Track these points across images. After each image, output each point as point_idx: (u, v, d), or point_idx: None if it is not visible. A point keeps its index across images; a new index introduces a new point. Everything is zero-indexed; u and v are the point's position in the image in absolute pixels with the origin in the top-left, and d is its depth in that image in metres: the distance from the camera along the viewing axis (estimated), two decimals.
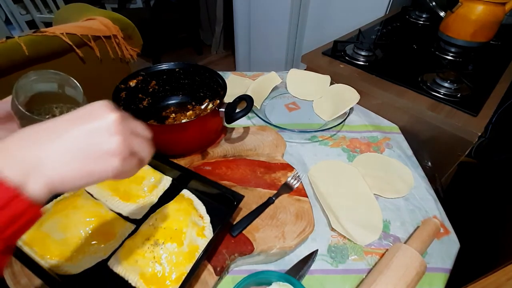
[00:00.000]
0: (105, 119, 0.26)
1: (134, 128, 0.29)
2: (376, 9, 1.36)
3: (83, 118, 0.26)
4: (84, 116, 0.26)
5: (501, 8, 0.86)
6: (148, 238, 0.45)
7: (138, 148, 0.29)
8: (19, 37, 0.89)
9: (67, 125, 0.25)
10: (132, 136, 0.28)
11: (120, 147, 0.26)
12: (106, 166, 0.26)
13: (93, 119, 0.26)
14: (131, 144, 0.28)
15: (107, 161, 0.26)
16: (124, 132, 0.27)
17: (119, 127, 0.26)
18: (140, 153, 0.29)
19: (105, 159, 0.26)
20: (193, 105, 0.74)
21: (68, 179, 0.24)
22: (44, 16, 2.29)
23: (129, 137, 0.28)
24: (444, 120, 0.72)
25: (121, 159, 0.26)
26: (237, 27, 1.91)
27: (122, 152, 0.26)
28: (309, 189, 0.61)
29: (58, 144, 0.24)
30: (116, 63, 1.21)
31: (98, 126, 0.26)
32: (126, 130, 0.27)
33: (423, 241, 0.49)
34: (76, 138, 0.25)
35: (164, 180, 0.57)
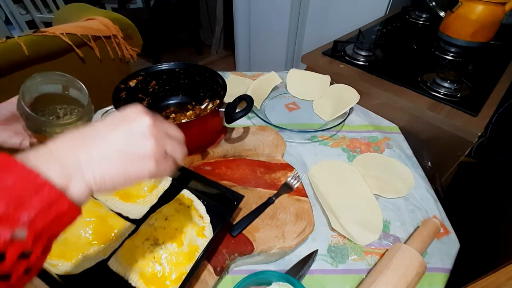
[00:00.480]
0: (139, 123, 0.28)
1: (167, 131, 0.31)
2: (376, 9, 1.36)
3: (119, 123, 0.27)
4: (120, 121, 0.28)
5: (501, 8, 0.86)
6: (148, 238, 0.45)
7: (171, 149, 0.30)
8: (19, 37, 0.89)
9: (105, 130, 0.27)
10: (165, 139, 0.29)
11: (154, 150, 0.27)
12: (143, 168, 0.27)
13: (128, 124, 0.27)
14: (165, 146, 0.29)
15: (143, 163, 0.27)
16: (157, 135, 0.28)
17: (153, 131, 0.28)
18: (173, 154, 0.31)
19: (141, 161, 0.27)
20: (193, 105, 0.74)
21: (108, 180, 0.26)
22: (44, 16, 2.29)
23: (163, 139, 0.29)
24: (444, 120, 0.72)
25: (155, 161, 0.28)
26: (237, 27, 1.91)
27: (156, 155, 0.28)
28: (309, 189, 0.61)
29: (98, 148, 0.26)
30: (116, 63, 1.21)
31: (133, 130, 0.27)
32: (159, 133, 0.29)
33: (423, 241, 0.49)
34: (114, 142, 0.26)
35: (164, 180, 0.57)
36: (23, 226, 0.20)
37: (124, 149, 0.26)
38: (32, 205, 0.21)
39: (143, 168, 0.27)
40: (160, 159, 0.28)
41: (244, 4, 1.75)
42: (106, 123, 0.27)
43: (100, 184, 0.25)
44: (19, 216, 0.20)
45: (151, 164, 0.28)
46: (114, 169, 0.26)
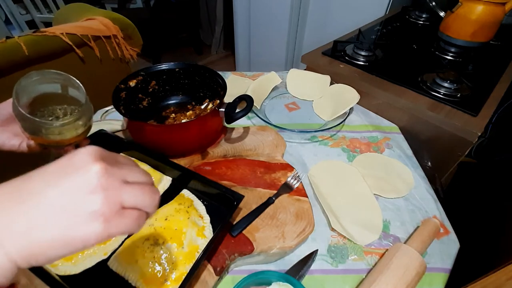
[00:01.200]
0: (86, 172, 0.22)
1: (125, 177, 0.24)
2: (376, 9, 1.36)
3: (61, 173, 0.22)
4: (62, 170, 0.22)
5: (501, 8, 0.86)
6: (148, 238, 0.45)
7: (134, 199, 0.24)
8: (19, 37, 0.89)
9: (41, 184, 0.22)
10: (122, 188, 0.23)
11: (103, 206, 0.22)
12: (86, 232, 0.21)
13: (72, 174, 0.22)
14: (120, 198, 0.23)
15: (87, 226, 0.21)
16: (109, 186, 0.22)
17: (103, 180, 0.22)
18: (138, 204, 0.24)
19: (84, 223, 0.21)
20: (193, 105, 0.74)
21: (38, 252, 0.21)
22: (44, 16, 2.29)
23: (118, 190, 0.23)
24: (444, 120, 0.72)
25: (105, 220, 0.22)
26: (237, 27, 1.91)
27: (107, 211, 0.22)
28: (309, 189, 0.61)
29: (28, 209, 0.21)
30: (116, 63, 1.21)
31: (77, 182, 0.22)
32: (113, 183, 0.23)
33: (423, 241, 0.49)
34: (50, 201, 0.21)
35: (164, 180, 0.57)
36: None
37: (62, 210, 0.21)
38: None
39: (87, 233, 0.21)
40: (112, 216, 0.22)
41: (244, 4, 1.75)
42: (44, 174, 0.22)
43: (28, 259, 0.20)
44: None
45: (97, 226, 0.22)
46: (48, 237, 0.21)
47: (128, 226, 0.23)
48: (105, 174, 0.22)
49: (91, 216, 0.21)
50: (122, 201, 0.23)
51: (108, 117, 0.76)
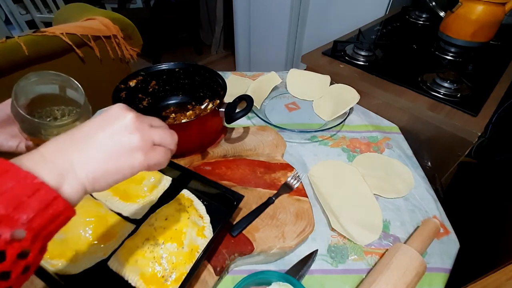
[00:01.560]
0: (123, 119, 0.29)
1: (151, 123, 0.32)
2: (376, 9, 1.36)
3: (104, 123, 0.29)
4: (104, 120, 0.29)
5: (501, 8, 0.86)
6: (148, 238, 0.45)
7: (160, 138, 0.31)
8: (19, 37, 0.89)
9: (92, 131, 0.28)
10: (151, 130, 0.31)
11: (140, 142, 0.29)
12: (132, 161, 0.28)
13: (113, 122, 0.29)
14: (151, 136, 0.30)
15: (132, 157, 0.28)
16: (142, 128, 0.30)
17: (137, 125, 0.29)
18: (163, 142, 0.32)
19: (129, 155, 0.28)
20: (193, 105, 0.74)
21: (100, 177, 0.27)
22: (44, 16, 2.29)
23: (148, 131, 0.30)
24: (444, 120, 0.72)
25: (144, 153, 0.29)
26: (237, 27, 1.91)
27: (144, 146, 0.29)
28: (309, 189, 0.61)
29: (87, 148, 0.27)
30: (116, 63, 1.21)
31: (118, 127, 0.28)
32: (144, 126, 0.30)
33: (423, 241, 0.49)
34: (102, 141, 0.27)
35: (164, 180, 0.57)
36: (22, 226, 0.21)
37: (112, 146, 0.28)
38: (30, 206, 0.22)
39: (133, 162, 0.28)
40: (148, 150, 0.30)
41: (244, 4, 1.75)
42: (92, 124, 0.28)
43: (93, 182, 0.27)
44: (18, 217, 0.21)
45: (139, 156, 0.29)
46: (105, 167, 0.27)
47: (160, 158, 0.31)
48: (137, 120, 0.30)
49: (133, 149, 0.28)
50: (153, 139, 0.31)
51: None
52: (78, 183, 0.26)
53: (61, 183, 0.24)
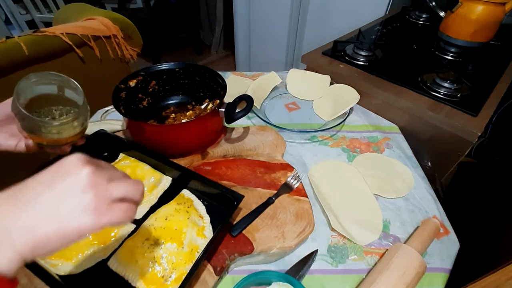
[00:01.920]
0: (76, 175, 0.26)
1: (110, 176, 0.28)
2: (376, 9, 1.36)
3: (54, 179, 0.26)
4: (55, 175, 0.26)
5: (501, 8, 0.86)
6: (148, 238, 0.45)
7: (121, 192, 0.28)
8: (19, 37, 0.89)
9: (37, 189, 0.25)
10: (109, 185, 0.27)
11: (93, 201, 0.25)
12: (80, 224, 0.25)
13: (64, 178, 0.25)
14: (109, 192, 0.27)
15: (80, 220, 0.25)
16: (98, 183, 0.26)
17: (92, 180, 0.26)
18: (127, 195, 0.28)
19: (78, 217, 0.25)
20: (193, 105, 0.74)
21: (43, 244, 0.24)
22: (44, 16, 2.29)
23: (105, 187, 0.27)
24: (444, 120, 0.72)
25: (97, 214, 0.25)
26: (237, 27, 1.91)
27: (98, 206, 0.25)
28: (309, 189, 0.61)
29: (29, 212, 0.24)
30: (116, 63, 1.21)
31: (69, 185, 0.25)
32: (100, 181, 0.26)
33: (423, 241, 0.49)
34: (46, 203, 0.24)
35: (164, 180, 0.57)
36: None
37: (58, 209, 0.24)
38: None
39: (80, 225, 0.25)
40: (103, 209, 0.26)
41: (244, 4, 1.75)
42: (40, 179, 0.26)
43: (33, 250, 0.24)
44: None
45: (89, 219, 0.25)
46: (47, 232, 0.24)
47: (119, 216, 0.27)
48: (93, 175, 0.26)
49: (84, 210, 0.25)
50: (111, 195, 0.27)
51: (108, 117, 0.76)
52: (14, 251, 0.23)
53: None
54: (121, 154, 0.61)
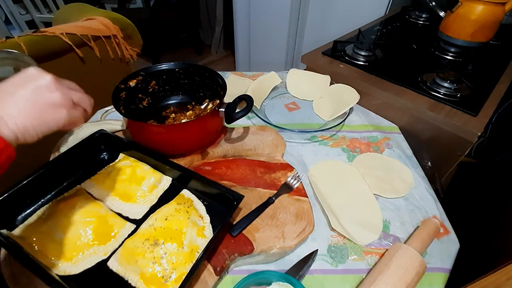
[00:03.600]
0: (43, 79, 0.32)
1: (69, 84, 0.36)
2: (376, 9, 1.36)
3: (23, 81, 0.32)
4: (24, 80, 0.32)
5: (501, 8, 0.86)
6: (148, 238, 0.45)
7: (79, 99, 0.36)
8: (19, 37, 0.89)
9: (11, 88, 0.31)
10: (70, 91, 0.35)
11: (62, 99, 0.33)
12: (57, 115, 0.33)
13: (32, 81, 0.32)
14: (71, 96, 0.35)
15: (56, 112, 0.33)
16: (61, 88, 0.33)
17: (57, 85, 0.33)
18: (81, 103, 0.36)
19: (54, 110, 0.32)
20: (193, 105, 0.74)
21: (30, 128, 0.31)
22: (44, 16, 2.29)
23: (67, 91, 0.34)
24: (444, 120, 0.72)
25: (67, 109, 0.33)
26: (237, 27, 1.91)
27: (66, 104, 0.33)
28: (309, 189, 0.61)
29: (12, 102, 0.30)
30: (116, 63, 1.21)
31: (39, 85, 0.32)
32: (63, 87, 0.34)
33: (423, 241, 0.49)
34: (25, 96, 0.31)
35: (164, 180, 0.57)
36: None
37: (35, 101, 0.31)
38: None
39: (58, 116, 0.33)
40: (69, 107, 0.34)
41: (244, 4, 1.75)
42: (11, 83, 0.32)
43: (23, 133, 0.30)
44: None
45: (63, 112, 0.33)
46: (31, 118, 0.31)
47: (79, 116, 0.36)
48: (56, 81, 0.33)
49: (56, 106, 0.33)
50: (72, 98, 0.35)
51: (108, 117, 0.76)
52: (10, 131, 0.29)
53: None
54: (121, 154, 0.61)
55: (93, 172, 0.57)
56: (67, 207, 0.49)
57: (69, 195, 0.52)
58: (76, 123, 0.36)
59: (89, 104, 0.38)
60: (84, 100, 0.37)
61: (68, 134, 0.66)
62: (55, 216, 0.47)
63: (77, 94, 0.36)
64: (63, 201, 0.50)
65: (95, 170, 0.57)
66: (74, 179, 0.56)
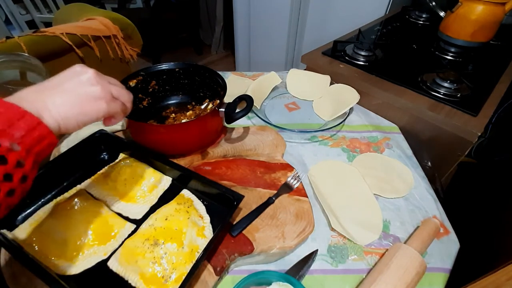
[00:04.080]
0: (85, 74, 0.35)
1: (109, 80, 0.38)
2: (376, 9, 1.36)
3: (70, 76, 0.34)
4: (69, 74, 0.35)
5: (501, 8, 0.86)
6: (148, 238, 0.45)
7: (117, 92, 0.38)
8: (19, 37, 0.89)
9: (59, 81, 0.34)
10: (110, 85, 0.37)
11: (102, 92, 0.35)
12: (97, 107, 0.35)
13: (77, 76, 0.35)
14: (110, 90, 0.37)
15: (96, 103, 0.35)
16: (102, 82, 0.36)
17: (97, 79, 0.35)
18: (120, 97, 0.38)
19: (94, 102, 0.34)
20: (193, 105, 0.74)
21: (71, 117, 0.32)
22: (44, 16, 2.29)
23: (108, 85, 0.36)
24: (444, 120, 0.72)
25: (106, 102, 0.35)
26: (237, 27, 1.91)
27: (106, 96, 0.35)
28: (309, 189, 0.61)
29: (56, 93, 0.32)
30: (116, 63, 1.21)
31: (81, 79, 0.34)
32: (103, 81, 0.36)
33: (423, 241, 0.49)
34: (69, 89, 0.33)
35: (164, 180, 0.57)
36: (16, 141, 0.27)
37: (78, 93, 0.33)
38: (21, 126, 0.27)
39: (98, 108, 0.35)
40: (109, 100, 0.36)
41: (244, 4, 1.75)
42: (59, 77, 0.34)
43: (65, 122, 0.32)
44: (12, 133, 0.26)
45: (103, 104, 0.35)
46: (73, 109, 0.33)
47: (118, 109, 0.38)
48: (97, 75, 0.36)
49: (97, 98, 0.35)
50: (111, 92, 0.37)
51: None
52: (53, 119, 0.31)
53: (40, 116, 0.29)
54: (121, 154, 0.61)
55: (93, 172, 0.57)
56: (67, 207, 0.49)
57: (69, 195, 0.52)
58: (116, 117, 0.39)
59: (128, 99, 0.40)
60: (123, 94, 0.39)
61: (68, 134, 0.66)
62: (55, 216, 0.47)
63: (117, 89, 0.38)
64: (63, 201, 0.50)
65: (95, 170, 0.57)
66: (74, 179, 0.56)
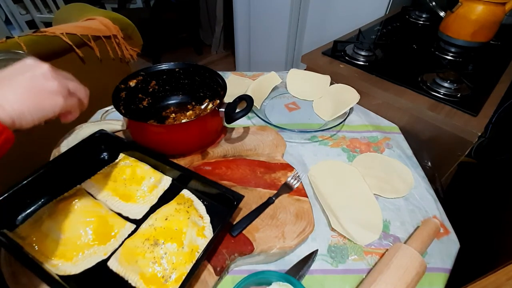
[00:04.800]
0: (40, 68, 0.34)
1: (65, 75, 0.37)
2: (376, 9, 1.36)
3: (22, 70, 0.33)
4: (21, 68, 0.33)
5: (501, 8, 0.86)
6: (148, 238, 0.45)
7: (74, 88, 0.37)
8: (19, 37, 0.89)
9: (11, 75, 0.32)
10: (66, 80, 0.36)
11: (59, 87, 0.34)
12: (54, 102, 0.34)
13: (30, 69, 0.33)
14: (67, 85, 0.36)
15: (53, 99, 0.33)
16: (58, 77, 0.35)
17: (53, 74, 0.34)
18: (77, 92, 0.37)
19: (51, 97, 0.33)
20: (193, 105, 0.74)
21: (25, 112, 0.31)
22: (44, 16, 2.29)
23: (64, 81, 0.35)
24: (444, 120, 0.72)
25: (63, 97, 0.34)
26: (237, 27, 1.91)
27: (62, 92, 0.34)
28: (309, 189, 0.61)
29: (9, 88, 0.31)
30: (116, 63, 1.21)
31: (36, 73, 0.33)
32: (59, 76, 0.35)
33: (423, 241, 0.49)
34: (22, 83, 0.32)
35: (164, 180, 0.57)
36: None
37: (32, 88, 0.32)
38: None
39: (54, 103, 0.34)
40: (66, 95, 0.35)
41: (244, 4, 1.75)
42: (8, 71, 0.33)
43: (20, 117, 0.31)
44: None
45: (60, 99, 0.34)
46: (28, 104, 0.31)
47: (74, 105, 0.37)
48: (53, 70, 0.35)
49: (53, 93, 0.34)
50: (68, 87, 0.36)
51: (108, 117, 0.76)
52: (7, 115, 0.30)
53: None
54: (121, 154, 0.61)
55: (93, 172, 0.57)
56: (67, 207, 0.49)
57: (69, 195, 0.52)
58: (72, 113, 0.37)
59: (84, 94, 0.39)
60: (79, 89, 0.38)
61: (68, 134, 0.66)
62: (55, 216, 0.47)
63: (73, 84, 0.37)
64: (63, 201, 0.50)
65: (95, 170, 0.58)
66: (74, 179, 0.56)
